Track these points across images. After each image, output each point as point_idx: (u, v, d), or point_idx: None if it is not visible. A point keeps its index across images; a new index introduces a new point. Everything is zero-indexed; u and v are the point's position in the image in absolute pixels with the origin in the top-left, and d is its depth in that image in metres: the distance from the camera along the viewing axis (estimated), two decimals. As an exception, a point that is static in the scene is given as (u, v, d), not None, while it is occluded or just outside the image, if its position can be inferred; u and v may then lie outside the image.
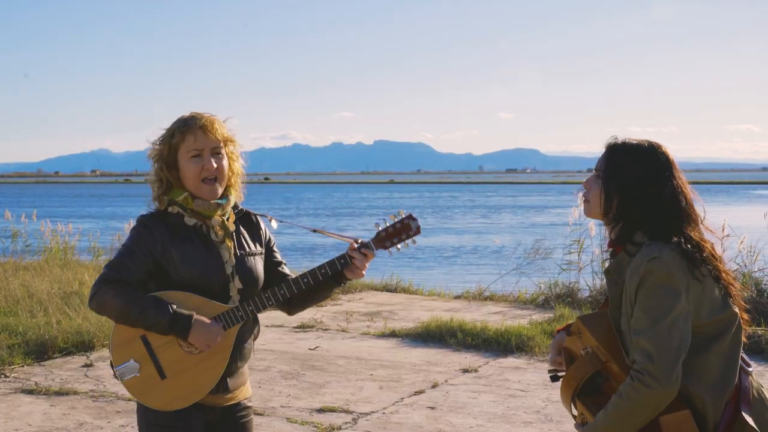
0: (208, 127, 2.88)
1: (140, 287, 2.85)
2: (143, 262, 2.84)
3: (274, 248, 3.13)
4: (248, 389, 3.07)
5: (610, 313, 2.54)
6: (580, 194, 2.68)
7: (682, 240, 2.43)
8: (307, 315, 9.45)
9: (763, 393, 2.53)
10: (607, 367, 2.51)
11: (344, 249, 3.01)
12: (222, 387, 2.93)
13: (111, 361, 2.89)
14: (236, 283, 2.91)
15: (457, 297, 11.23)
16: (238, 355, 2.94)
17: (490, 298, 10.83)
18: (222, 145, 2.92)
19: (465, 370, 7.04)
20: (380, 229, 2.98)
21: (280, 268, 3.10)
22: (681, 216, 2.48)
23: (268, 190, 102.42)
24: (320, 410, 5.92)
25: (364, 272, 2.98)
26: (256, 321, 3.04)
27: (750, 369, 2.51)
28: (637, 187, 2.48)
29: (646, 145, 2.53)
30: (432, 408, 5.98)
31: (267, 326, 8.90)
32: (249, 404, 3.06)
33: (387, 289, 11.73)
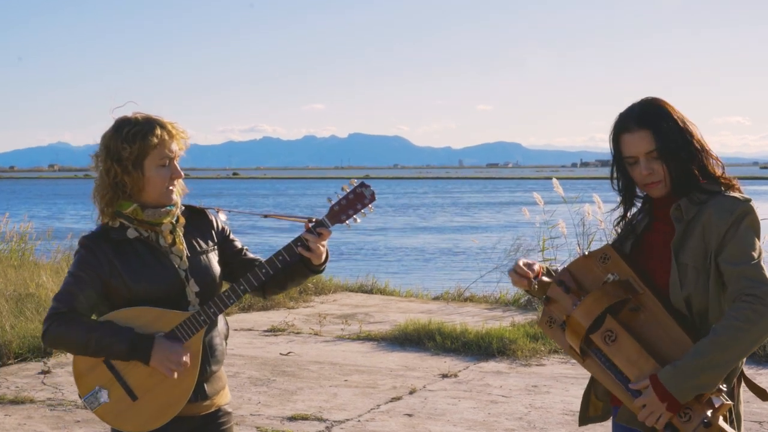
0: (179, 137, 2.91)
1: (92, 313, 2.87)
2: (92, 287, 2.84)
3: (231, 236, 3.12)
4: (227, 394, 3.07)
5: (673, 244, 2.62)
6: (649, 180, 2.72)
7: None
8: (277, 318, 9.43)
9: None
10: (639, 299, 2.61)
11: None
12: (200, 395, 2.93)
13: (78, 392, 2.87)
14: (192, 287, 2.91)
15: (436, 298, 11.25)
16: (210, 359, 2.94)
17: (470, 300, 10.86)
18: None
19: (444, 375, 7.05)
20: (333, 203, 2.95)
21: (243, 255, 3.10)
22: (717, 160, 2.69)
23: (229, 186, 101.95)
24: (292, 418, 5.90)
25: (322, 253, 2.94)
26: (223, 320, 3.05)
27: None
28: (686, 140, 2.64)
29: (657, 103, 2.68)
30: (409, 415, 5.99)
31: (235, 330, 8.87)
32: (229, 410, 3.07)
33: (362, 290, 11.73)
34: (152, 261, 2.88)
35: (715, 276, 2.56)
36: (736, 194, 2.60)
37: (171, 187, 2.91)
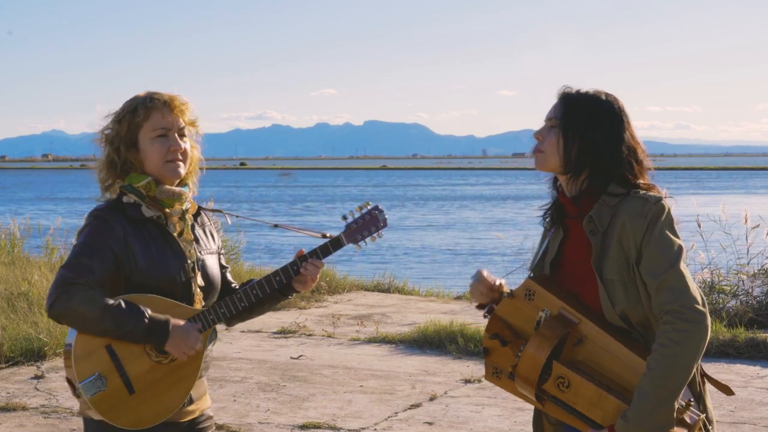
0: (176, 107, 2.94)
1: (103, 289, 2.83)
2: (105, 260, 2.81)
3: (222, 251, 3.21)
4: (208, 399, 3.11)
5: (593, 262, 2.63)
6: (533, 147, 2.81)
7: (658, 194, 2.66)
8: (288, 319, 9.44)
9: None
10: (578, 329, 2.59)
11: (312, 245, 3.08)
12: (187, 399, 2.96)
13: (69, 376, 2.84)
14: (198, 281, 2.95)
15: (458, 298, 11.26)
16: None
17: (495, 299, 10.84)
18: (186, 127, 2.98)
19: (467, 381, 7.05)
20: (350, 221, 3.09)
21: (227, 273, 3.18)
22: (642, 167, 2.71)
23: (215, 177, 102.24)
24: (303, 427, 5.92)
25: (313, 285, 3.06)
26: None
27: None
28: (598, 134, 2.67)
29: (603, 95, 2.73)
30: (430, 423, 5.99)
31: (243, 332, 8.90)
32: (211, 414, 3.11)
33: (379, 289, 11.74)
34: (165, 246, 2.91)
35: (643, 285, 2.57)
36: (646, 194, 2.61)
37: (172, 162, 2.92)
